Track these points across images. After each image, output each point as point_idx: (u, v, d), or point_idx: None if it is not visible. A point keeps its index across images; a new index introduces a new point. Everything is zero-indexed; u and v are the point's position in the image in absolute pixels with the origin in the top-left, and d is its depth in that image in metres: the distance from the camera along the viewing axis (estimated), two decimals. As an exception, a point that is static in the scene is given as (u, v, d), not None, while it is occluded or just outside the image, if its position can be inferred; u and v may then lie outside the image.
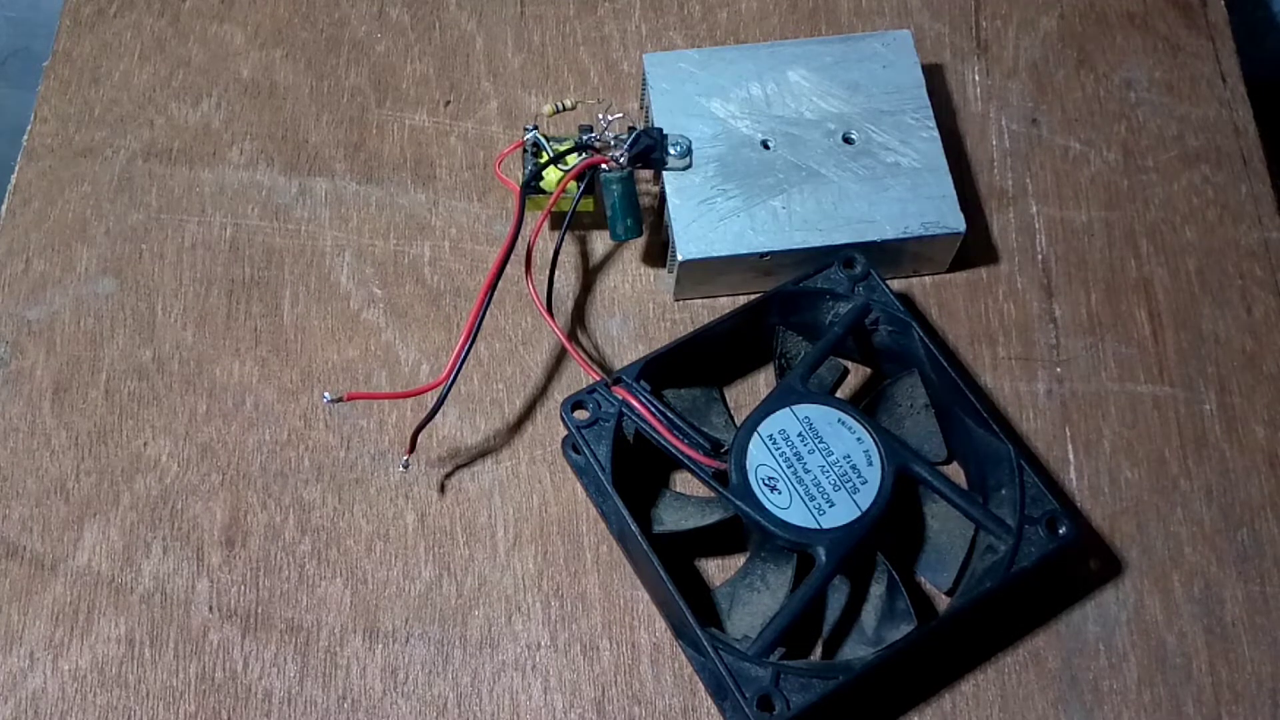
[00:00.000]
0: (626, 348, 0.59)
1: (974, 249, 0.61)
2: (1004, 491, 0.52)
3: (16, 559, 0.54)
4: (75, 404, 0.57)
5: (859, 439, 0.52)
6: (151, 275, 0.61)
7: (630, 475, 0.52)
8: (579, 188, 0.58)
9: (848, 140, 0.60)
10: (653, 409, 0.53)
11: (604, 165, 0.57)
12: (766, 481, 0.51)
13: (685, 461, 0.52)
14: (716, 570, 0.55)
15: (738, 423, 0.54)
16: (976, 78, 0.67)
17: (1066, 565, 0.55)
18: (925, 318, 0.60)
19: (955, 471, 0.56)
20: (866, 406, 0.55)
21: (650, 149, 0.58)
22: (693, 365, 0.56)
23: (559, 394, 0.58)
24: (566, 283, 0.61)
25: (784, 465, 0.51)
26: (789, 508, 0.51)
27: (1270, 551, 0.55)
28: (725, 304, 0.60)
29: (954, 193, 0.59)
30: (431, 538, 0.55)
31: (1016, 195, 0.63)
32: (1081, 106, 0.66)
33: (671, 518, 0.53)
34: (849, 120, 0.60)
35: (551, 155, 0.58)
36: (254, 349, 0.59)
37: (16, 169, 0.63)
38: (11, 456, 0.56)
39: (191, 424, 0.57)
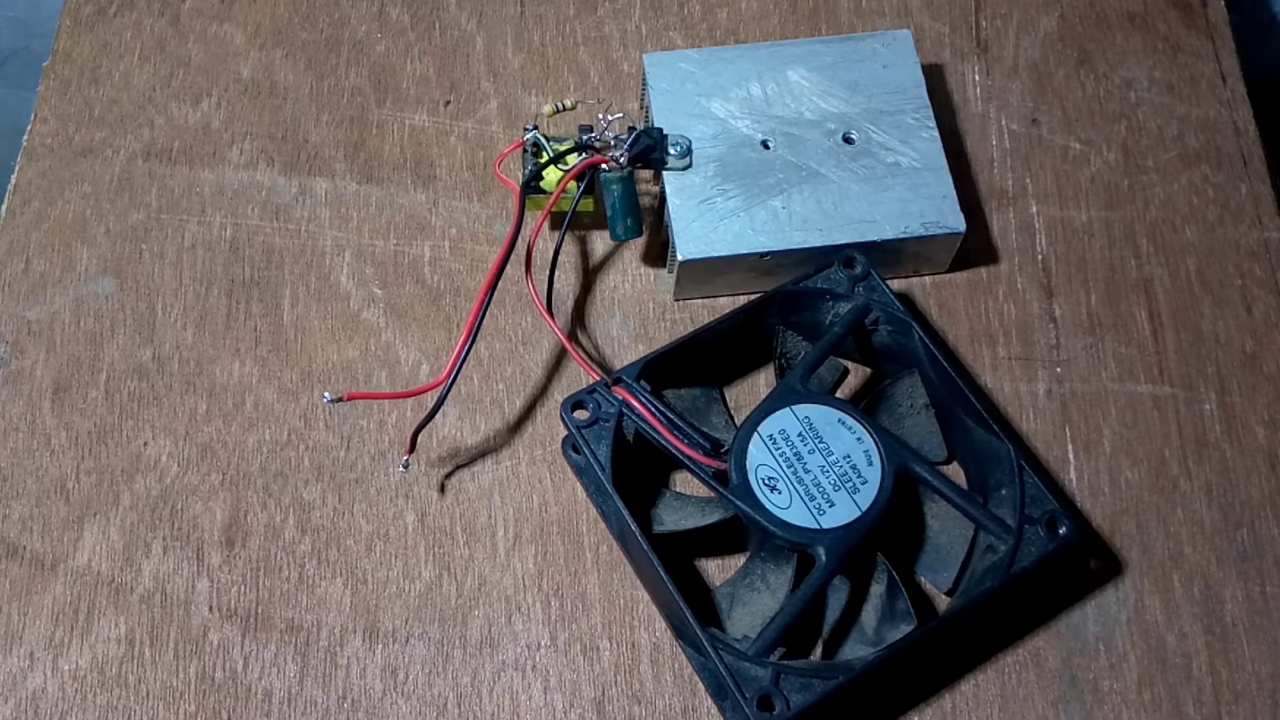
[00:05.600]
0: (626, 348, 0.59)
1: (974, 249, 0.61)
2: (1004, 491, 0.52)
3: (16, 559, 0.54)
4: (75, 404, 0.57)
5: (859, 439, 0.52)
6: (151, 275, 0.61)
7: (630, 475, 0.52)
8: (579, 188, 0.58)
9: (848, 140, 0.60)
10: (653, 409, 0.52)
11: (604, 165, 0.57)
12: (766, 481, 0.51)
13: (685, 461, 0.52)
14: (716, 570, 0.55)
15: (738, 423, 0.54)
16: (976, 78, 0.67)
17: (1066, 565, 0.55)
18: (925, 318, 0.60)
19: (955, 471, 0.56)
20: (866, 406, 0.55)
21: (650, 149, 0.58)
22: (693, 365, 0.56)
23: (559, 394, 0.58)
24: (566, 283, 0.61)
25: (784, 465, 0.51)
26: (789, 508, 0.51)
27: (1270, 551, 0.55)
28: (725, 304, 0.60)
29: (954, 193, 0.59)
30: (431, 538, 0.55)
31: (1016, 195, 0.63)
32: (1081, 106, 0.66)
33: (671, 518, 0.53)
34: (849, 120, 0.60)
35: (551, 155, 0.58)
36: (254, 349, 0.59)
37: (16, 169, 0.63)
38: (11, 456, 0.56)
39: (191, 424, 0.57)
